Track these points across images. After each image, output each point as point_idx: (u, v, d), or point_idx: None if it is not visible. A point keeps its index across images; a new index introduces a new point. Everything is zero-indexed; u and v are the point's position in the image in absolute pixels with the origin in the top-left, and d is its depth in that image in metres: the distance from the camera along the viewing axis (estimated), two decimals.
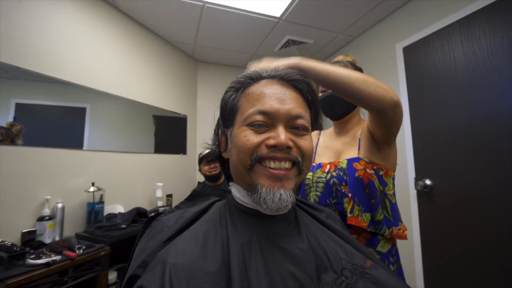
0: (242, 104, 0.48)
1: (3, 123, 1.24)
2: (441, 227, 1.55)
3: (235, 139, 0.46)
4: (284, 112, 0.45)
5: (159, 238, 0.46)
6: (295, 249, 0.43)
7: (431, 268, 1.61)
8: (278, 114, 0.44)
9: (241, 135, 0.45)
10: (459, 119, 1.48)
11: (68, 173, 1.46)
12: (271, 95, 0.46)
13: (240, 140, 0.45)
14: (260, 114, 0.44)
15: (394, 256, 0.76)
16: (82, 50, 1.60)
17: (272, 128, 0.45)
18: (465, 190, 1.44)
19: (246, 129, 0.45)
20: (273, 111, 0.44)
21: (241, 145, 0.45)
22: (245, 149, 0.44)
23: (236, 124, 0.47)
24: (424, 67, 1.68)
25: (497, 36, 1.33)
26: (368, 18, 1.99)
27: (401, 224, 0.76)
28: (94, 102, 1.69)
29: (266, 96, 0.46)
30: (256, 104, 0.45)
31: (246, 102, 0.47)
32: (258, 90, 0.47)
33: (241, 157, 0.45)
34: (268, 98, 0.46)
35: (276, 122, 0.45)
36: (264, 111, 0.44)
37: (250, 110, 0.45)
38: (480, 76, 1.39)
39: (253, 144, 0.44)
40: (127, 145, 1.91)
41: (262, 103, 0.45)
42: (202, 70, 2.83)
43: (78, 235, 1.41)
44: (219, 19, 1.99)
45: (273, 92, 0.46)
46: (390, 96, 0.61)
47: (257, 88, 0.48)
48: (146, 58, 2.12)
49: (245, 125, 0.45)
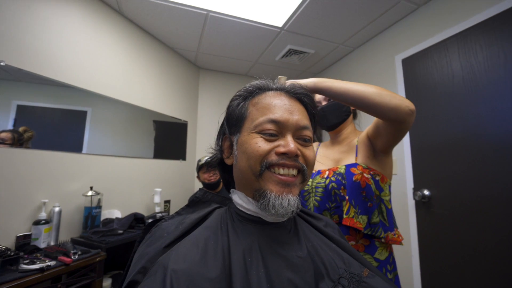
0: (251, 112, 0.50)
1: (4, 125, 1.24)
2: (439, 236, 1.55)
3: (244, 145, 0.48)
4: (293, 122, 0.47)
5: (159, 244, 0.45)
6: (295, 256, 0.44)
7: (428, 278, 1.60)
8: (287, 124, 0.47)
9: (252, 142, 0.46)
10: (455, 130, 1.50)
11: (66, 177, 1.45)
12: (281, 105, 0.48)
13: (251, 147, 0.46)
14: (271, 123, 0.46)
15: (391, 265, 0.78)
16: (85, 54, 1.62)
17: (281, 136, 0.47)
18: (462, 200, 1.44)
19: (256, 136, 0.47)
20: (284, 120, 0.47)
21: (252, 151, 0.46)
22: (256, 156, 0.45)
23: (245, 131, 0.49)
24: (423, 79, 1.71)
25: (492, 50, 1.36)
26: (368, 30, 2.04)
27: (396, 229, 0.79)
28: (95, 105, 1.69)
29: (276, 106, 0.48)
30: (266, 113, 0.47)
31: (256, 111, 0.49)
32: (268, 100, 0.49)
33: (251, 163, 0.46)
34: (278, 108, 0.48)
35: (285, 131, 0.47)
36: (275, 120, 0.46)
37: (261, 118, 0.47)
38: (476, 89, 1.42)
39: (264, 151, 0.45)
40: (127, 150, 1.91)
41: (273, 112, 0.47)
42: (204, 77, 2.86)
43: (74, 240, 1.39)
44: (222, 27, 2.02)
45: (282, 103, 0.49)
46: (406, 105, 0.64)
47: (266, 98, 0.50)
48: (149, 63, 2.14)
49: (255, 132, 0.47)
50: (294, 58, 2.53)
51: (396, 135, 0.71)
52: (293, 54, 2.45)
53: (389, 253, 0.78)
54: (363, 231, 0.74)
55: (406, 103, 0.64)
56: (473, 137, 1.41)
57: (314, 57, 2.52)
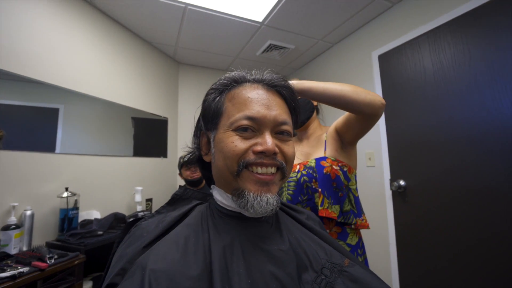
0: (227, 108, 0.47)
1: None
2: (414, 224, 1.64)
3: (220, 144, 0.46)
4: (271, 118, 0.45)
5: (138, 244, 0.44)
6: (277, 250, 0.44)
7: (405, 264, 1.70)
8: (265, 120, 0.45)
9: (228, 141, 0.45)
10: (428, 123, 1.58)
11: (38, 178, 1.37)
12: (257, 100, 0.46)
13: (227, 146, 0.44)
14: (247, 120, 0.44)
15: (361, 249, 0.84)
16: (56, 49, 1.52)
17: (258, 133, 0.45)
18: (435, 189, 1.54)
19: (232, 134, 0.45)
20: (260, 117, 0.45)
21: (228, 151, 0.44)
22: (233, 155, 0.44)
23: (221, 128, 0.47)
24: (398, 74, 1.79)
25: (459, 48, 1.45)
26: (346, 26, 2.09)
27: (363, 215, 0.85)
28: (68, 102, 1.60)
29: (253, 101, 0.46)
30: (242, 109, 0.45)
31: (232, 106, 0.47)
32: (244, 95, 0.47)
33: (228, 163, 0.44)
34: (255, 103, 0.46)
35: (263, 127, 0.45)
36: (252, 117, 0.44)
37: (237, 115, 0.45)
38: (445, 84, 1.51)
39: (241, 150, 0.44)
40: (104, 148, 1.83)
41: (249, 108, 0.45)
42: (183, 72, 2.79)
43: (49, 244, 1.33)
44: (201, 21, 1.98)
45: (259, 97, 0.46)
46: (379, 100, 0.71)
47: (242, 92, 0.48)
48: (125, 59, 2.05)
49: (231, 130, 0.45)
50: (274, 53, 2.53)
51: (366, 128, 0.78)
52: (274, 49, 2.45)
53: (359, 238, 0.84)
54: (336, 220, 0.79)
55: (379, 98, 0.71)
56: (445, 129, 1.50)
57: (295, 52, 2.54)
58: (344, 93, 0.69)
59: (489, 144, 1.31)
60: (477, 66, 1.37)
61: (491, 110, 1.31)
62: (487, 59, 1.33)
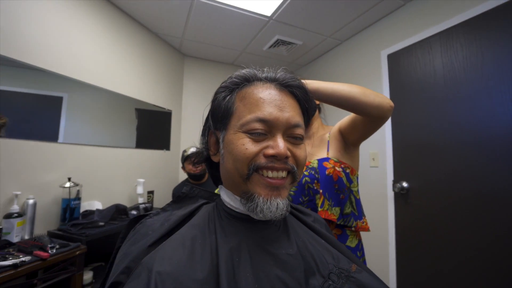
0: (238, 108, 0.46)
1: None
2: (415, 226, 1.64)
3: (230, 145, 0.45)
4: (284, 120, 0.43)
5: (144, 243, 0.44)
6: (284, 254, 0.43)
7: (404, 266, 1.70)
8: (277, 122, 0.43)
9: (239, 143, 0.43)
10: (435, 126, 1.56)
11: (41, 167, 1.37)
12: (270, 101, 0.44)
13: (238, 148, 0.43)
14: (259, 122, 0.43)
15: (360, 251, 0.83)
16: (61, 37, 1.50)
17: (269, 136, 0.44)
18: (438, 193, 1.52)
19: (243, 136, 0.43)
20: (273, 119, 0.43)
21: (238, 153, 0.43)
22: (243, 158, 0.43)
23: (231, 129, 0.45)
24: (406, 75, 1.76)
25: (471, 50, 1.42)
26: (356, 23, 2.04)
27: (364, 218, 0.84)
28: (72, 92, 1.59)
29: (265, 102, 0.44)
30: (254, 110, 0.44)
31: (243, 107, 0.45)
32: (256, 95, 0.45)
33: (238, 166, 0.43)
34: (267, 104, 0.44)
35: (275, 130, 0.44)
36: (263, 119, 0.43)
37: (248, 116, 0.44)
38: (455, 87, 1.48)
39: (252, 153, 0.42)
40: (107, 139, 1.82)
41: (261, 109, 0.43)
42: (189, 65, 2.76)
43: (51, 233, 1.33)
44: (209, 14, 1.95)
45: (272, 98, 0.45)
46: (387, 102, 0.69)
47: (254, 91, 0.46)
48: (131, 49, 2.03)
49: (242, 131, 0.44)
50: (281, 48, 2.50)
51: (372, 130, 0.77)
52: (281, 45, 2.42)
53: (358, 240, 0.83)
54: (336, 222, 0.78)
55: (387, 100, 0.70)
56: (452, 133, 1.48)
57: (302, 48, 2.50)
58: (352, 95, 0.67)
59: (496, 150, 1.29)
60: (489, 70, 1.34)
61: (500, 115, 1.28)
62: (500, 63, 1.30)
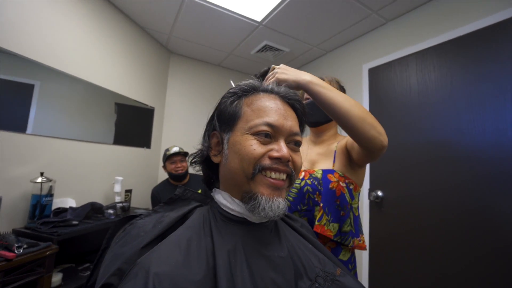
0: (245, 112, 0.49)
1: None
2: (388, 235, 1.74)
3: (238, 146, 0.47)
4: (287, 127, 0.48)
5: (136, 244, 0.43)
6: (277, 257, 0.45)
7: (376, 273, 1.79)
8: (282, 129, 0.47)
9: (246, 144, 0.46)
10: (409, 141, 1.68)
11: (8, 160, 1.26)
12: (276, 109, 0.49)
13: (246, 149, 0.46)
14: (267, 126, 0.46)
15: (352, 264, 0.82)
16: (38, 21, 1.41)
17: (274, 140, 0.47)
18: (410, 202, 1.63)
19: (251, 138, 0.47)
20: (279, 125, 0.47)
21: (246, 153, 0.46)
22: (250, 158, 0.45)
23: (238, 131, 0.48)
24: (385, 89, 1.87)
25: (442, 71, 1.55)
26: (341, 36, 2.14)
27: (361, 235, 0.82)
28: (46, 80, 1.48)
29: (272, 109, 0.48)
30: (262, 115, 0.48)
31: (251, 111, 0.49)
32: (263, 102, 0.50)
33: (244, 165, 0.46)
34: (273, 112, 0.48)
35: (279, 135, 0.48)
36: (271, 124, 0.47)
37: (257, 120, 0.47)
38: (428, 104, 1.61)
39: (259, 154, 0.45)
40: (83, 133, 1.72)
41: (268, 115, 0.47)
42: (174, 63, 2.71)
43: (17, 232, 1.24)
44: (199, 13, 1.94)
45: (278, 107, 0.49)
46: (381, 140, 0.64)
47: (261, 99, 0.50)
48: (114, 41, 1.95)
49: (250, 134, 0.47)
50: (268, 54, 2.54)
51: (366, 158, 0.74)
52: (268, 50, 2.46)
53: (351, 253, 0.82)
54: (332, 239, 0.75)
55: (382, 137, 0.64)
56: (424, 148, 1.60)
57: (288, 55, 2.56)
58: (350, 115, 0.62)
59: (463, 167, 1.41)
60: (457, 91, 1.47)
61: (466, 134, 1.42)
62: (467, 86, 1.44)
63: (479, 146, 1.36)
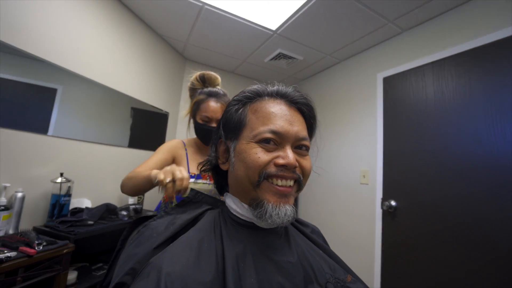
0: (250, 120, 0.49)
1: None
2: (401, 245, 1.69)
3: (243, 154, 0.47)
4: (293, 133, 0.47)
5: (149, 245, 0.45)
6: (286, 262, 0.45)
7: (388, 281, 1.74)
8: (287, 135, 0.47)
9: (251, 152, 0.46)
10: (424, 150, 1.64)
11: (31, 160, 1.32)
12: (281, 115, 0.48)
13: (251, 157, 0.46)
14: (271, 133, 0.46)
15: None
16: (62, 28, 1.48)
17: (279, 147, 0.47)
18: (424, 212, 1.59)
19: (255, 146, 0.47)
20: (284, 131, 0.47)
21: (251, 161, 0.46)
22: (255, 166, 0.45)
23: (243, 139, 0.48)
24: (400, 98, 1.85)
25: (460, 81, 1.52)
26: (356, 45, 2.14)
27: None
28: (68, 84, 1.55)
29: (276, 116, 0.48)
30: (267, 122, 0.47)
31: (256, 119, 0.49)
32: (268, 109, 0.49)
33: (249, 173, 0.46)
34: (278, 118, 0.48)
35: (285, 142, 0.47)
36: (276, 131, 0.46)
37: (261, 128, 0.47)
38: (444, 114, 1.57)
39: (264, 162, 0.45)
40: (99, 136, 1.78)
41: (273, 122, 0.47)
42: (189, 69, 2.77)
43: (37, 229, 1.28)
44: (215, 22, 1.99)
45: (282, 113, 0.48)
46: None
47: (266, 106, 0.49)
48: (133, 47, 2.03)
49: (255, 141, 0.47)
50: (282, 62, 2.57)
51: None
52: (282, 58, 2.49)
53: None
54: None
55: None
56: (439, 158, 1.56)
57: (302, 63, 2.58)
58: None
59: (479, 177, 1.37)
60: (476, 101, 1.44)
61: (484, 145, 1.37)
62: (486, 96, 1.40)
63: (497, 155, 1.31)
